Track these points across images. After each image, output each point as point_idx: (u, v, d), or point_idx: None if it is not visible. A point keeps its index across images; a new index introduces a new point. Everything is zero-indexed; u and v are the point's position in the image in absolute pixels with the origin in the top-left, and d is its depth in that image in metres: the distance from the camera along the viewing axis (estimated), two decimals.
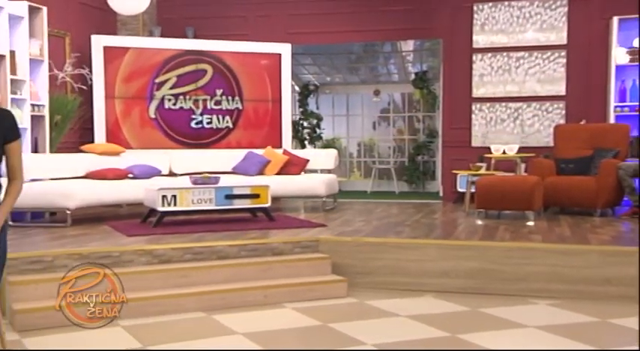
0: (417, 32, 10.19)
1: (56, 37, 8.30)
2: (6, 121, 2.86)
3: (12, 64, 7.09)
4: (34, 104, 7.49)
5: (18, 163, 2.93)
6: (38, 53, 7.60)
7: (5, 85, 6.93)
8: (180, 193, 6.54)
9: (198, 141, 9.16)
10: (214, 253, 5.59)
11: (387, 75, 14.69)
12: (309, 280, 5.50)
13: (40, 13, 7.61)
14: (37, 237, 6.03)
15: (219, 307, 5.01)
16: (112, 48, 8.76)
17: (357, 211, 8.51)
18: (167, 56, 9.03)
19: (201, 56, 9.16)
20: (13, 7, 7.12)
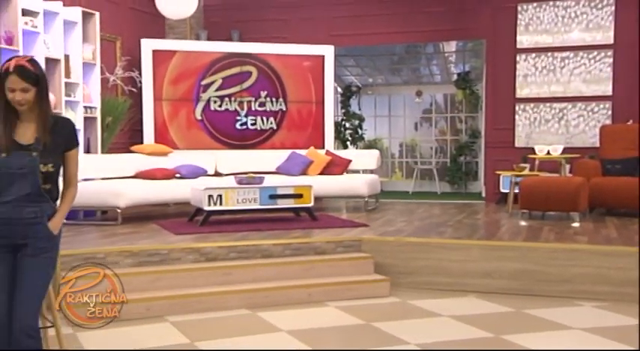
0: (460, 33, 10.08)
1: (108, 41, 8.48)
2: (67, 130, 2.89)
3: (66, 68, 7.26)
4: (86, 106, 7.65)
5: (75, 170, 2.97)
6: (91, 57, 7.77)
7: (60, 88, 7.10)
8: (226, 193, 6.61)
9: (243, 142, 9.23)
10: (259, 252, 5.63)
11: (430, 76, 14.57)
12: (351, 279, 5.49)
13: (92, 19, 7.78)
14: (90, 235, 6.16)
15: (263, 305, 5.04)
16: (160, 51, 8.90)
17: (399, 212, 8.47)
18: (213, 59, 9.13)
19: (246, 58, 9.24)
20: (67, 12, 7.30)
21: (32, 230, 2.80)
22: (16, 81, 2.69)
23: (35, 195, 2.78)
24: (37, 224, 2.80)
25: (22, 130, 2.78)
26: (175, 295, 4.98)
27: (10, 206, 2.75)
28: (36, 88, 2.74)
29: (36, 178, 2.76)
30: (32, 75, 2.73)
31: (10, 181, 2.73)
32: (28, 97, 2.73)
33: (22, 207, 2.76)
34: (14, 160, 2.73)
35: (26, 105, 2.74)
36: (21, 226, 2.78)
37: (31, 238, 2.80)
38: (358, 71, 14.35)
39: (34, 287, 2.83)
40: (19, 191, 2.74)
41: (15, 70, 2.70)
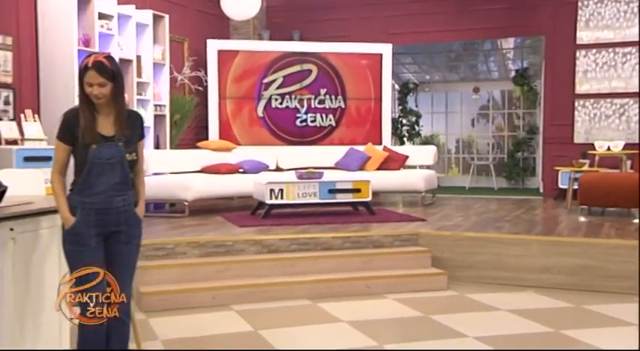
0: (519, 29, 9.87)
1: (176, 42, 8.65)
2: (139, 122, 3.00)
3: (138, 68, 7.45)
4: (156, 104, 7.85)
5: (142, 159, 3.06)
6: (160, 57, 7.96)
7: (132, 87, 7.29)
8: (287, 187, 6.67)
9: (303, 139, 9.27)
10: (319, 245, 5.67)
11: (487, 72, 14.31)
12: (409, 272, 5.48)
13: (162, 21, 7.96)
14: (159, 226, 6.31)
15: (324, 296, 5.08)
16: (224, 51, 9.02)
17: (456, 207, 8.37)
18: (274, 58, 9.20)
19: (306, 57, 9.28)
20: (139, 15, 7.48)
21: (124, 218, 2.90)
22: (94, 76, 2.76)
23: (123, 183, 2.87)
24: (126, 212, 2.91)
25: (102, 123, 2.86)
26: (240, 284, 5.07)
27: (102, 196, 2.83)
28: (112, 83, 2.81)
29: (124, 167, 2.85)
30: (109, 70, 2.80)
31: (100, 171, 2.81)
32: (105, 92, 2.79)
33: (113, 196, 2.85)
34: (104, 150, 2.81)
35: (103, 99, 2.81)
36: (113, 215, 2.87)
37: (123, 226, 2.91)
38: (415, 68, 14.23)
39: (128, 272, 2.99)
40: (109, 180, 2.83)
41: (93, 66, 2.77)
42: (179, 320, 4.51)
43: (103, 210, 2.85)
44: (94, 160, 2.80)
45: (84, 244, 2.85)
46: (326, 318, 4.60)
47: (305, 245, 5.63)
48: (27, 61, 6.44)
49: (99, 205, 2.84)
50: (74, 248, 2.86)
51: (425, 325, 4.47)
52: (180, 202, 7.05)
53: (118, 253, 2.94)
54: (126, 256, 2.98)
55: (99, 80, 2.77)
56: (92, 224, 2.85)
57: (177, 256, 5.27)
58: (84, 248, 2.85)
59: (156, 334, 4.17)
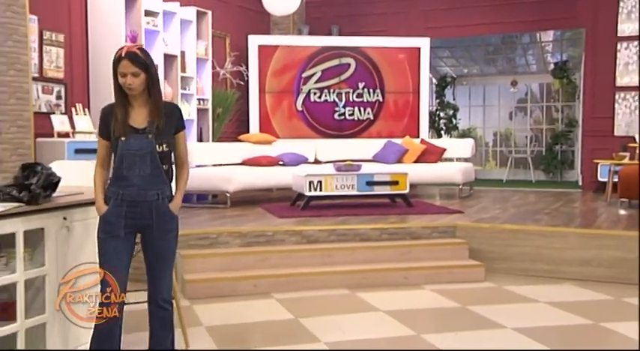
0: (558, 22, 9.67)
1: (218, 38, 8.72)
2: (176, 113, 2.92)
3: (182, 63, 7.54)
4: (199, 98, 7.93)
5: (185, 151, 2.97)
6: (203, 53, 8.03)
7: (176, 81, 7.40)
8: (325, 179, 6.69)
9: (341, 132, 9.26)
10: (357, 236, 5.67)
11: (525, 65, 14.07)
12: (447, 263, 5.44)
13: (205, 17, 8.02)
14: (202, 216, 6.40)
15: (361, 286, 5.08)
16: (265, 46, 9.06)
17: (494, 199, 8.28)
18: (313, 52, 9.20)
19: (345, 51, 9.25)
20: (184, 12, 7.57)
21: (157, 211, 2.83)
22: (128, 66, 2.73)
23: (155, 176, 2.81)
24: (160, 206, 2.83)
25: (135, 115, 2.83)
26: (280, 274, 5.11)
27: (135, 189, 2.79)
28: (146, 74, 2.77)
29: (154, 159, 2.79)
30: (142, 61, 2.76)
31: (131, 163, 2.77)
32: (137, 82, 2.76)
33: (146, 189, 2.80)
34: (133, 142, 2.78)
35: (136, 89, 2.78)
36: (145, 208, 2.82)
37: (156, 220, 2.84)
38: (453, 62, 14.07)
39: (166, 264, 2.94)
40: (140, 173, 2.78)
41: (126, 56, 2.74)
42: (222, 307, 4.57)
43: (134, 202, 2.81)
44: (123, 152, 2.78)
45: (113, 234, 2.84)
46: (364, 307, 4.60)
47: (343, 236, 5.64)
48: (78, 57, 6.59)
49: (131, 197, 2.81)
50: (104, 236, 2.85)
51: (463, 315, 4.44)
52: (223, 193, 7.12)
53: (154, 247, 2.90)
54: (160, 250, 2.91)
55: (132, 70, 2.73)
56: (123, 215, 2.82)
57: (219, 246, 5.34)
58: (113, 238, 2.84)
59: (200, 320, 4.23)
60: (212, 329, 4.06)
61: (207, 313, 4.38)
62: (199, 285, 4.83)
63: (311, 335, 3.95)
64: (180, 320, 3.72)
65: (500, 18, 9.61)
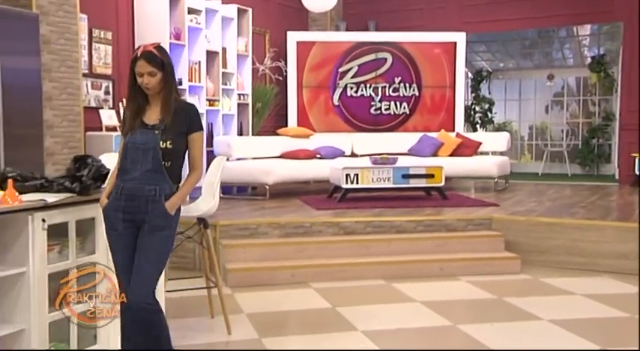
0: (596, 16, 9.44)
1: (258, 34, 8.75)
2: (188, 113, 2.81)
3: (223, 60, 7.59)
4: (239, 94, 7.99)
5: (198, 154, 2.84)
6: (244, 49, 8.08)
7: (218, 77, 7.47)
8: (362, 172, 6.68)
9: (377, 126, 9.20)
10: (393, 228, 5.66)
11: (562, 59, 13.79)
12: (482, 255, 5.40)
13: (246, 14, 8.07)
14: (243, 208, 6.46)
15: (398, 277, 5.07)
16: (302, 42, 9.07)
17: (529, 192, 8.16)
18: (349, 47, 9.17)
19: (381, 45, 9.20)
20: (225, 9, 7.62)
21: (151, 207, 2.71)
22: (144, 65, 2.69)
23: (155, 171, 2.71)
24: (154, 202, 2.71)
25: (149, 112, 2.78)
26: (318, 264, 5.13)
27: (135, 182, 2.71)
28: (162, 73, 2.72)
29: (156, 155, 2.70)
30: (158, 60, 2.70)
31: (135, 157, 2.72)
32: (154, 81, 2.71)
33: (144, 184, 2.71)
34: (139, 136, 2.73)
35: (153, 88, 2.73)
36: (141, 203, 2.71)
37: (149, 215, 2.72)
38: (489, 56, 13.88)
39: (148, 264, 2.72)
40: (142, 167, 2.71)
41: (142, 55, 2.69)
42: (261, 295, 4.61)
43: (132, 196, 2.72)
44: (129, 145, 2.74)
45: (112, 228, 2.78)
46: (401, 297, 4.59)
47: (379, 228, 5.64)
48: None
49: (130, 191, 2.72)
50: (107, 230, 2.81)
51: (498, 307, 4.39)
52: (262, 185, 7.17)
53: (141, 243, 2.74)
54: (147, 246, 2.72)
55: (148, 69, 2.69)
56: (121, 209, 2.73)
57: (259, 236, 5.39)
58: (112, 231, 2.78)
59: (241, 307, 4.28)
60: (252, 316, 4.11)
61: (248, 301, 4.43)
62: (240, 274, 4.89)
63: (348, 324, 3.96)
64: (223, 307, 3.78)
65: (537, 12, 9.43)
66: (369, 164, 6.92)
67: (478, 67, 13.57)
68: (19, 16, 4.95)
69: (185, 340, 3.64)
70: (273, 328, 3.90)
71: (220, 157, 3.96)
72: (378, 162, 6.91)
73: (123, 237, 2.76)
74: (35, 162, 4.91)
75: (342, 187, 6.64)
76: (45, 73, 5.26)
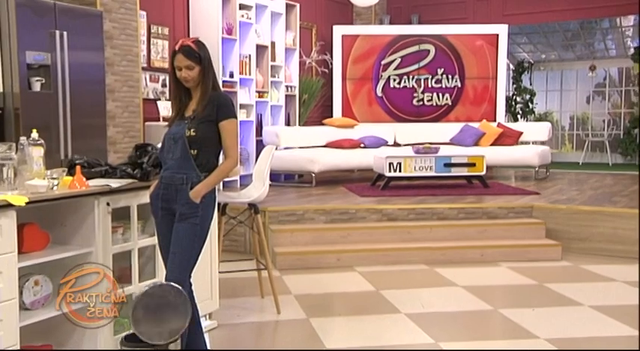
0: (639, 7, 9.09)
1: (305, 29, 8.73)
2: (217, 101, 2.72)
3: (272, 53, 7.61)
4: (287, 85, 8.01)
5: (230, 142, 2.75)
6: (292, 43, 8.09)
7: (267, 70, 7.50)
8: (405, 161, 6.63)
9: (419, 118, 9.08)
10: (435, 215, 5.62)
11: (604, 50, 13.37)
12: (523, 242, 5.32)
13: (294, 9, 8.06)
14: (290, 195, 6.50)
15: (439, 262, 5.04)
16: (347, 36, 9.02)
17: (570, 181, 7.96)
18: (392, 39, 9.06)
19: (424, 37, 9.07)
20: (274, 5, 7.61)
21: (179, 195, 2.69)
22: (182, 59, 2.66)
23: (184, 160, 2.68)
24: (182, 190, 2.68)
25: (190, 105, 2.76)
26: (362, 249, 5.14)
27: (169, 172, 2.71)
28: (200, 67, 2.68)
29: (184, 143, 2.67)
30: (195, 54, 2.67)
31: (168, 147, 2.72)
32: (192, 75, 2.68)
33: (175, 172, 2.69)
34: (174, 128, 2.74)
35: (191, 82, 2.70)
36: (173, 191, 2.71)
37: (179, 203, 2.70)
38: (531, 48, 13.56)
39: (178, 248, 2.68)
40: (173, 156, 2.70)
41: (180, 50, 2.67)
42: (308, 278, 4.65)
43: (167, 185, 2.72)
44: (165, 136, 2.76)
45: (154, 214, 2.82)
46: (442, 282, 4.57)
47: (421, 215, 5.60)
48: None
49: (165, 179, 2.73)
50: (152, 216, 2.86)
51: (539, 292, 4.32)
52: (308, 173, 7.20)
53: (174, 229, 2.71)
54: (176, 233, 2.68)
55: (186, 63, 2.66)
56: (160, 197, 2.75)
57: (306, 222, 5.42)
58: (155, 218, 2.83)
59: (289, 289, 4.33)
60: (300, 297, 4.14)
61: (295, 283, 4.47)
62: (288, 257, 4.93)
63: (391, 306, 3.96)
64: (273, 288, 3.83)
65: (580, 4, 9.14)
66: (412, 153, 6.86)
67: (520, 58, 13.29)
68: (85, 13, 5.06)
69: (238, 319, 3.71)
70: (319, 309, 3.93)
71: (270, 146, 3.98)
72: (420, 151, 6.85)
73: (162, 223, 2.78)
74: (99, 150, 5.02)
75: (385, 175, 6.61)
76: (108, 67, 5.38)
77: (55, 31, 4.69)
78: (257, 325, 3.70)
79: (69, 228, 2.93)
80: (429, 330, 3.53)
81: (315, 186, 7.04)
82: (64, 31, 4.74)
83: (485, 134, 8.32)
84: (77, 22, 4.91)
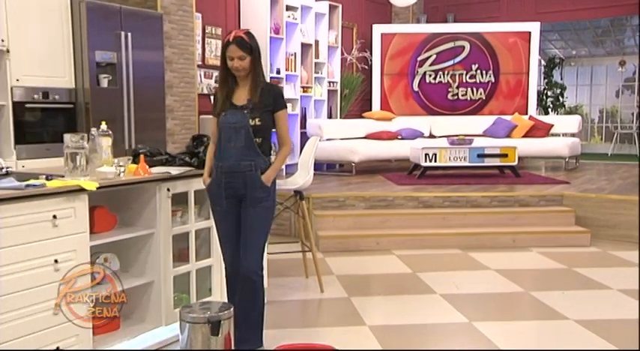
0: None
1: (347, 28, 8.67)
2: (273, 93, 2.71)
3: (316, 51, 7.60)
4: (329, 81, 7.99)
5: (284, 130, 2.74)
6: (334, 41, 8.05)
7: (311, 66, 7.49)
8: (440, 152, 6.54)
9: (453, 112, 8.93)
10: (468, 202, 5.53)
11: (634, 46, 12.86)
12: (553, 229, 5.20)
13: (336, 10, 8.01)
14: (332, 183, 6.49)
15: (473, 247, 4.97)
16: (386, 34, 8.92)
17: (599, 171, 7.72)
18: (428, 37, 8.91)
19: (459, 34, 8.90)
20: (318, 6, 7.60)
21: (249, 181, 2.66)
22: (234, 50, 2.60)
23: (249, 148, 2.64)
24: (252, 176, 2.65)
25: (238, 94, 2.70)
26: (400, 233, 5.10)
27: (232, 160, 2.65)
28: (251, 57, 2.63)
29: (249, 132, 2.63)
30: (247, 45, 2.61)
31: (228, 136, 2.65)
32: (244, 65, 2.62)
33: (240, 160, 2.65)
34: (230, 117, 2.66)
35: (243, 71, 2.64)
36: (239, 178, 2.66)
37: (249, 189, 2.66)
38: (562, 44, 13.16)
39: (254, 234, 2.70)
40: (236, 145, 2.64)
41: (233, 41, 2.61)
42: (349, 260, 4.64)
43: (231, 173, 2.66)
44: (222, 125, 2.67)
45: (216, 204, 2.74)
46: (475, 265, 4.50)
47: (456, 202, 5.52)
48: None
49: (227, 168, 2.66)
50: (212, 207, 2.78)
51: (569, 276, 4.22)
52: (349, 163, 7.17)
53: (246, 216, 2.69)
54: (250, 219, 2.68)
55: (239, 54, 2.60)
56: (222, 186, 2.68)
57: (347, 208, 5.41)
58: (216, 208, 2.74)
59: (331, 270, 4.33)
60: (341, 278, 4.14)
61: (337, 264, 4.47)
62: (330, 240, 4.94)
63: (427, 287, 3.93)
64: (317, 269, 3.84)
65: (610, 1, 8.81)
66: (447, 144, 6.76)
67: (551, 54, 12.92)
68: (147, 16, 5.14)
69: (285, 297, 3.74)
70: (360, 289, 3.93)
71: (314, 138, 3.98)
72: (455, 142, 6.75)
73: (227, 212, 2.72)
74: (159, 141, 5.11)
75: (421, 165, 6.53)
76: (167, 64, 5.45)
77: (120, 32, 4.78)
78: (302, 302, 3.72)
79: (134, 211, 2.98)
80: (463, 310, 3.50)
81: (355, 175, 7.01)
82: (129, 32, 4.83)
83: (517, 126, 8.13)
84: (140, 24, 4.99)
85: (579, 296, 3.78)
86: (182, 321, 2.53)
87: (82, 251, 2.58)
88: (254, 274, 2.70)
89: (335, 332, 3.18)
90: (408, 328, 3.26)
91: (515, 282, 4.03)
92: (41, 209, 2.43)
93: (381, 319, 3.39)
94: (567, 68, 13.01)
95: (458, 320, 3.36)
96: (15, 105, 4.21)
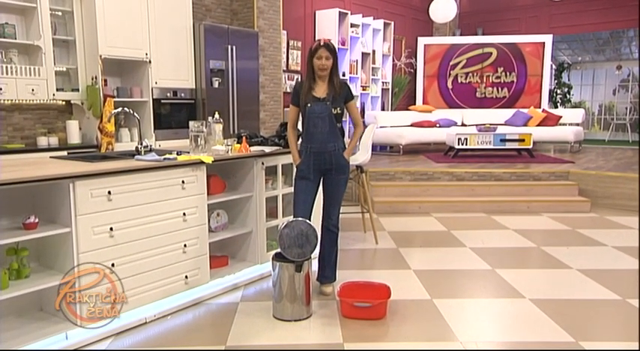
0: None
1: (397, 40, 8.34)
2: (345, 87, 2.61)
3: (373, 58, 7.36)
4: (383, 82, 7.73)
5: (357, 115, 2.69)
6: (387, 51, 7.76)
7: (369, 70, 7.27)
8: (470, 137, 6.20)
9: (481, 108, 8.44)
10: (492, 176, 5.22)
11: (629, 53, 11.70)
12: (560, 198, 4.84)
13: (389, 26, 7.71)
14: (384, 160, 6.31)
15: (495, 212, 4.72)
16: (428, 45, 8.50)
17: (598, 154, 7.10)
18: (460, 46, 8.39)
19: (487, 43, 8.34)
20: (375, 23, 7.34)
21: (335, 159, 2.59)
22: (324, 52, 2.53)
23: (332, 132, 2.56)
24: (336, 155, 2.58)
25: (318, 88, 2.59)
26: (437, 200, 4.90)
27: (318, 143, 2.57)
28: (333, 59, 2.56)
29: (331, 119, 2.55)
30: (333, 49, 2.56)
31: (315, 123, 2.56)
32: (328, 64, 2.54)
33: (326, 142, 2.56)
34: (316, 108, 2.55)
35: (325, 71, 2.55)
36: (327, 156, 2.58)
37: (334, 165, 2.59)
38: (570, 52, 12.13)
39: (337, 198, 2.66)
40: (322, 130, 2.55)
41: (324, 45, 2.55)
42: (398, 220, 4.52)
43: (318, 153, 2.57)
44: (310, 115, 2.56)
45: (304, 177, 2.61)
46: (497, 226, 4.26)
47: (482, 177, 5.23)
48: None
49: (316, 149, 2.57)
50: (299, 179, 2.62)
51: (572, 235, 3.91)
52: (397, 145, 6.95)
53: (331, 184, 2.63)
54: (334, 188, 2.63)
55: (326, 54, 2.53)
56: (311, 164, 2.59)
57: (396, 180, 5.24)
58: (304, 180, 2.61)
59: (384, 227, 4.23)
60: (392, 233, 4.03)
61: (388, 223, 4.37)
62: (383, 205, 4.81)
63: (459, 242, 3.76)
64: (372, 226, 3.74)
65: (610, 17, 8.03)
66: (476, 131, 6.41)
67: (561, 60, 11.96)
68: (247, 33, 5.11)
69: (348, 246, 3.67)
70: (406, 241, 3.81)
71: (372, 125, 3.87)
72: (482, 129, 6.38)
73: (312, 182, 2.62)
74: (254, 127, 5.13)
75: (455, 147, 6.24)
76: (261, 70, 5.42)
77: (228, 46, 4.78)
78: (361, 250, 3.64)
79: (238, 179, 2.98)
80: (487, 259, 3.32)
81: (402, 154, 6.79)
82: (234, 46, 4.82)
83: (532, 117, 7.59)
84: (242, 40, 4.97)
85: (580, 251, 3.51)
86: (274, 261, 2.51)
87: (202, 207, 2.60)
88: (335, 227, 2.70)
89: (386, 274, 3.09)
90: (443, 272, 3.12)
91: (528, 239, 3.79)
92: (174, 176, 2.45)
93: (422, 265, 3.27)
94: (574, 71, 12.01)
95: (483, 267, 3.19)
96: (154, 101, 4.31)
